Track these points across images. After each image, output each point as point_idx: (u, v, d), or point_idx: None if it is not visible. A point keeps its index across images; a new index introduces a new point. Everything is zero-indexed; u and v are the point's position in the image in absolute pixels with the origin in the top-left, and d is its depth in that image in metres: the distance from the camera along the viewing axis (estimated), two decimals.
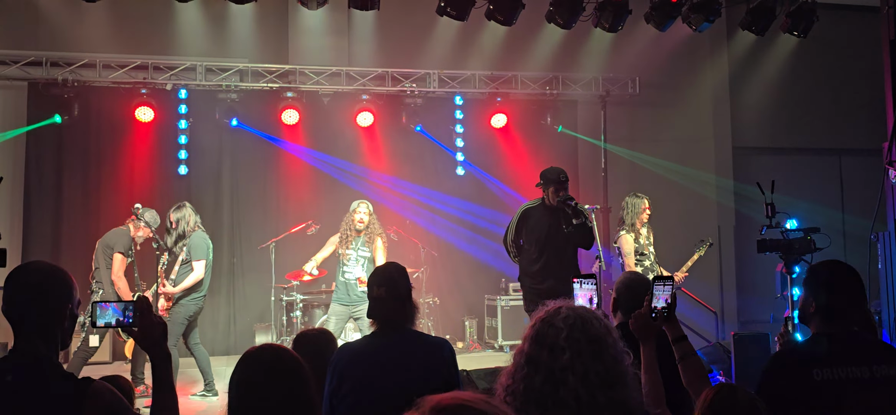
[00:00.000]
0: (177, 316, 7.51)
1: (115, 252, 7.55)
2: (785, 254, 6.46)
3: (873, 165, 8.73)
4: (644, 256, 7.84)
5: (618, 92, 11.51)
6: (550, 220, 6.65)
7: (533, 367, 2.21)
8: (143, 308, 2.59)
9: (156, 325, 2.60)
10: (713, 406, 2.65)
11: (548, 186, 6.67)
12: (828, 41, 10.95)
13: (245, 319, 10.63)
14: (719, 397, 2.67)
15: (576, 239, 6.63)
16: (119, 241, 7.62)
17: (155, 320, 2.60)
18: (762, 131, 12.16)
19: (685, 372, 3.15)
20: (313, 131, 10.90)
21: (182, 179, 10.51)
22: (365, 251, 7.95)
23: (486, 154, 11.49)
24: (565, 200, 6.52)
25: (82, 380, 2.41)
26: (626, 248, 7.79)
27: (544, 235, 6.64)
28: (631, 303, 3.97)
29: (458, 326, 10.96)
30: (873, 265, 7.27)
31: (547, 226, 6.64)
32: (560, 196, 6.55)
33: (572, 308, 2.31)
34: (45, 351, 2.44)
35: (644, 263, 7.81)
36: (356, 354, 3.52)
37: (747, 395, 2.68)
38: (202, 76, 10.43)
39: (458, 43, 10.98)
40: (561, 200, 6.55)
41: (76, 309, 2.58)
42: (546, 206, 6.71)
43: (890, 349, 3.18)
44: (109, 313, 2.60)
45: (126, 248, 7.61)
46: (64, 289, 2.52)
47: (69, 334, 2.57)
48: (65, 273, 2.56)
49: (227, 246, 10.75)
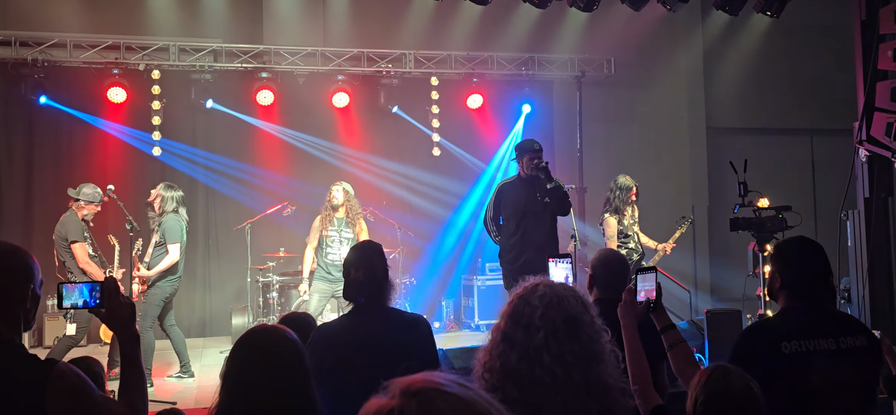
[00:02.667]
0: (152, 299, 7.47)
1: (70, 243, 7.25)
2: (757, 232, 6.55)
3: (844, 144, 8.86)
4: (628, 238, 7.89)
5: (593, 73, 11.55)
6: (527, 191, 6.69)
7: (509, 344, 2.21)
8: (111, 289, 2.57)
9: (123, 305, 2.57)
10: (707, 387, 2.67)
11: (522, 155, 6.71)
12: (800, 22, 11.04)
13: (221, 300, 10.59)
14: (713, 379, 2.69)
15: (553, 206, 6.67)
16: (71, 230, 7.30)
17: (123, 300, 2.58)
18: (735, 111, 12.27)
19: (674, 359, 3.19)
20: (288, 112, 10.84)
21: (156, 161, 10.41)
22: (348, 232, 7.96)
23: (463, 135, 11.49)
24: (538, 166, 6.55)
25: (46, 362, 2.37)
26: (610, 231, 7.84)
27: (521, 206, 6.68)
28: (607, 279, 4.01)
29: (434, 306, 10.99)
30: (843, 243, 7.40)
31: (523, 198, 6.68)
32: (534, 163, 6.59)
33: (549, 286, 2.30)
34: (7, 333, 2.40)
35: (628, 244, 7.87)
36: (335, 333, 3.53)
37: (741, 376, 2.70)
38: (175, 56, 10.32)
39: (434, 24, 10.96)
40: (534, 167, 6.58)
41: (39, 290, 2.52)
42: (522, 178, 6.75)
43: (854, 321, 3.27)
44: (75, 294, 2.57)
45: (80, 233, 7.34)
46: (24, 270, 2.46)
47: (32, 315, 2.51)
48: (25, 253, 2.51)
49: (202, 228, 10.69)
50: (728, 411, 2.61)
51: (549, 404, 2.11)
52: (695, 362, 3.22)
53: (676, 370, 3.18)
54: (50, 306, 9.64)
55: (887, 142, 6.78)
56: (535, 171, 6.59)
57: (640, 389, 2.86)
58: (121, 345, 2.59)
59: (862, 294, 7.24)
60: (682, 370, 3.14)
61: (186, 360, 7.80)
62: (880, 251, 7.25)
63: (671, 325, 3.28)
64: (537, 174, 6.59)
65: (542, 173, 6.55)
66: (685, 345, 3.25)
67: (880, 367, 3.25)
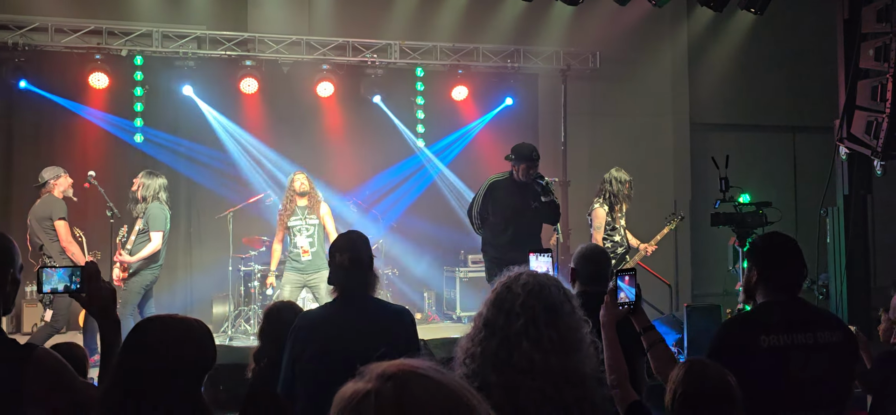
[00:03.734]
0: (133, 286, 7.43)
1: (54, 220, 7.16)
2: (738, 227, 6.60)
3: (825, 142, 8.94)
4: (615, 231, 7.91)
5: (578, 66, 11.57)
6: (518, 195, 6.69)
7: (490, 330, 2.24)
8: (91, 273, 2.54)
9: (104, 290, 2.55)
10: (685, 382, 2.70)
11: (519, 162, 6.69)
12: (783, 20, 11.12)
13: (202, 289, 10.53)
14: (691, 373, 2.72)
15: (543, 215, 6.71)
16: (55, 207, 7.21)
17: (103, 285, 2.56)
18: (718, 108, 12.33)
19: (654, 359, 3.21)
20: (272, 101, 10.79)
21: (137, 148, 10.33)
22: (312, 219, 7.91)
23: (447, 126, 11.49)
24: (535, 179, 6.59)
25: (25, 346, 2.35)
26: (597, 222, 7.83)
27: (512, 209, 6.69)
28: (588, 273, 4.04)
29: (416, 297, 11.00)
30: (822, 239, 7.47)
31: (515, 201, 6.69)
32: (530, 175, 6.61)
33: (533, 275, 2.34)
34: None
35: (614, 237, 7.88)
36: (317, 321, 3.53)
37: (719, 370, 2.73)
38: (159, 43, 10.23)
39: (420, 14, 10.94)
40: (532, 178, 6.61)
41: (18, 274, 2.49)
42: (514, 180, 6.74)
43: (832, 317, 3.31)
44: (55, 278, 2.55)
45: (64, 211, 7.26)
46: (4, 253, 2.44)
47: (11, 300, 2.49)
48: (4, 237, 2.48)
49: (184, 216, 10.63)
50: (706, 404, 2.64)
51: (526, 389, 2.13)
52: (675, 361, 3.25)
53: (656, 370, 3.21)
54: (28, 293, 9.55)
55: (867, 140, 6.84)
56: (531, 182, 6.62)
57: (618, 386, 2.89)
58: (101, 330, 2.57)
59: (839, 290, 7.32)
60: (662, 370, 3.17)
61: None
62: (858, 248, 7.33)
63: (650, 326, 3.31)
64: (533, 185, 6.62)
65: (539, 187, 6.57)
66: (665, 345, 3.29)
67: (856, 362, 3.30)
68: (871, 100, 6.84)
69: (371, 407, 1.17)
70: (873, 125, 6.76)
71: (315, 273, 7.74)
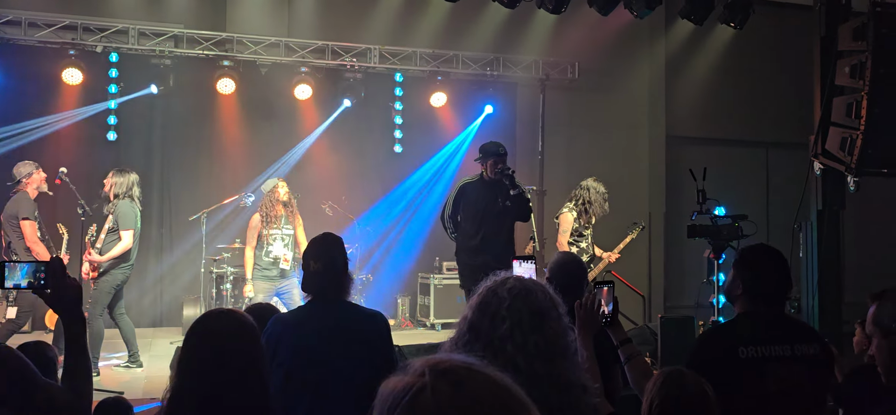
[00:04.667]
0: (103, 286, 7.32)
1: (20, 220, 7.07)
2: (713, 239, 6.64)
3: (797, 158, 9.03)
4: (581, 238, 7.94)
5: (557, 76, 11.61)
6: (488, 194, 6.69)
7: (474, 334, 2.22)
8: (57, 270, 2.48)
9: (70, 287, 2.49)
10: (662, 391, 2.69)
11: (486, 159, 6.72)
12: (760, 37, 11.23)
13: (173, 290, 10.41)
14: (668, 382, 2.71)
15: (513, 212, 6.69)
16: (22, 206, 7.13)
17: (69, 282, 2.50)
18: (694, 122, 12.42)
19: (631, 372, 3.21)
20: (249, 102, 10.70)
21: (110, 146, 10.19)
22: (288, 229, 7.91)
23: (425, 132, 11.47)
24: (502, 172, 6.57)
25: None
26: (565, 226, 7.87)
27: (482, 209, 6.68)
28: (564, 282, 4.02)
29: (390, 303, 10.95)
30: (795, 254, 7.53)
31: (484, 200, 6.69)
32: (498, 168, 6.60)
33: (520, 279, 2.31)
34: None
35: (580, 243, 7.92)
36: (291, 323, 3.49)
37: (696, 379, 2.73)
38: (135, 40, 10.09)
39: (400, 20, 10.92)
40: (498, 172, 6.59)
41: None
42: (484, 180, 6.75)
43: (809, 329, 3.33)
44: (19, 274, 2.47)
45: (31, 211, 7.16)
46: None
47: None
48: None
49: (157, 216, 10.51)
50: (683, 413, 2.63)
51: None
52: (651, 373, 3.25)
53: (633, 383, 3.21)
54: None
55: (841, 156, 6.91)
56: (499, 176, 6.60)
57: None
58: (65, 328, 2.50)
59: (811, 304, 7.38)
60: (639, 382, 3.16)
61: (135, 349, 7.65)
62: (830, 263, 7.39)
63: (628, 338, 3.31)
64: (501, 179, 6.61)
65: (507, 180, 6.56)
66: (643, 358, 3.29)
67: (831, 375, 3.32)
68: (845, 116, 6.91)
69: (429, 403, 1.11)
70: (847, 142, 6.82)
71: (287, 280, 7.73)
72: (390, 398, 1.15)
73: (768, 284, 3.17)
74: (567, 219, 7.90)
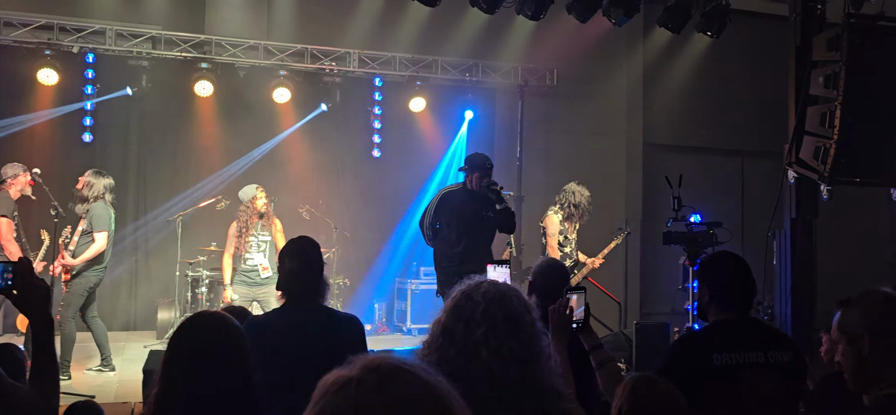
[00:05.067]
0: (76, 288, 7.24)
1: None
2: (689, 246, 6.69)
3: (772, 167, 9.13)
4: (567, 243, 7.96)
5: (536, 83, 11.65)
6: (472, 204, 6.69)
7: (448, 338, 2.21)
8: (24, 270, 2.45)
9: (37, 288, 2.45)
10: (632, 396, 2.70)
11: (472, 171, 6.70)
12: (736, 46, 11.34)
13: (147, 293, 10.31)
14: (638, 388, 2.72)
15: (497, 224, 6.70)
16: (1, 204, 7.11)
17: (37, 283, 2.46)
18: (672, 129, 12.52)
19: (603, 377, 3.22)
20: (227, 105, 10.63)
21: (86, 147, 10.09)
22: (265, 235, 7.89)
23: (404, 137, 11.46)
24: (490, 186, 6.58)
25: None
26: (552, 229, 7.88)
27: (465, 219, 6.67)
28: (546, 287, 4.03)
29: (367, 308, 10.91)
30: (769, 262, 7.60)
31: (468, 211, 6.68)
32: (484, 183, 6.61)
33: (494, 284, 2.31)
34: None
35: (565, 248, 7.94)
36: (264, 325, 3.47)
37: (666, 385, 2.74)
38: (112, 41, 10.00)
39: (379, 24, 10.91)
40: (485, 186, 6.60)
41: None
42: (468, 190, 6.74)
43: (782, 336, 3.35)
44: None
45: (9, 210, 7.11)
46: None
47: None
48: None
49: (132, 218, 10.40)
50: None
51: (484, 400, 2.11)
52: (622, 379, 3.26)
53: (604, 388, 3.22)
54: None
55: (815, 164, 6.98)
56: (486, 191, 6.61)
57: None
58: (33, 329, 2.47)
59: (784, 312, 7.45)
60: (610, 387, 3.17)
61: (108, 353, 7.57)
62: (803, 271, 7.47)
63: (599, 344, 3.31)
64: (487, 193, 6.62)
65: (494, 195, 6.57)
66: (614, 364, 3.30)
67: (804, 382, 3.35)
68: (819, 126, 6.99)
69: (351, 395, 1.15)
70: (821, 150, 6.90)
71: (264, 287, 7.71)
72: (321, 389, 1.18)
73: (733, 289, 3.20)
74: (553, 221, 7.91)
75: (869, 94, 6.74)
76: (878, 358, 2.38)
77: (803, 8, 7.62)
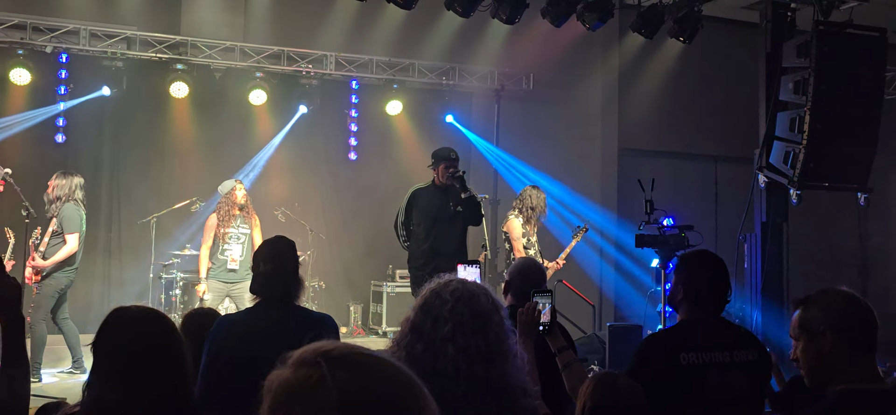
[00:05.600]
0: (46, 290, 7.18)
1: None
2: (661, 249, 6.76)
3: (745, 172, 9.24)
4: (530, 245, 8.03)
5: (512, 87, 11.71)
6: (440, 199, 6.74)
7: (416, 335, 2.23)
8: None
9: (9, 287, 2.43)
10: (595, 394, 2.74)
11: (438, 163, 6.76)
12: (709, 53, 11.46)
13: (120, 295, 10.18)
14: (601, 385, 2.76)
15: (465, 216, 6.73)
16: None
17: (8, 281, 2.45)
18: (646, 134, 12.62)
19: (568, 379, 3.25)
20: (202, 106, 10.57)
21: (59, 148, 9.98)
22: (245, 229, 7.87)
23: (380, 140, 11.46)
24: (454, 175, 6.62)
25: None
26: (516, 233, 7.94)
27: (433, 214, 6.71)
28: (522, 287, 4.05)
29: (343, 311, 10.90)
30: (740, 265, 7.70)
31: (436, 205, 6.73)
32: (450, 172, 6.65)
33: (462, 282, 2.33)
34: None
35: (529, 251, 8.00)
36: (235, 325, 3.46)
37: (627, 382, 2.79)
38: (86, 41, 9.91)
39: (356, 27, 10.91)
40: (450, 175, 6.64)
41: None
42: (436, 186, 6.79)
43: (748, 335, 3.40)
44: None
45: None
46: None
47: None
48: None
49: (105, 220, 10.31)
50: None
51: (450, 396, 2.13)
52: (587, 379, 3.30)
53: (570, 389, 3.25)
54: None
55: (785, 169, 7.10)
56: (450, 180, 6.65)
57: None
58: (3, 329, 2.45)
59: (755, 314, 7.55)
60: (575, 389, 3.21)
61: (79, 355, 7.50)
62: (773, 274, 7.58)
63: (565, 346, 3.34)
64: (453, 183, 6.65)
65: (458, 182, 6.61)
66: (580, 365, 3.33)
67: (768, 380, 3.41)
68: (789, 131, 7.11)
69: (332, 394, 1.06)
70: (791, 155, 7.02)
71: (240, 282, 7.66)
72: (286, 393, 1.09)
73: (709, 289, 3.24)
74: (515, 225, 7.97)
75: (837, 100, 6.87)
76: (839, 355, 2.43)
77: (774, 15, 7.75)
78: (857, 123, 7.00)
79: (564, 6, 8.05)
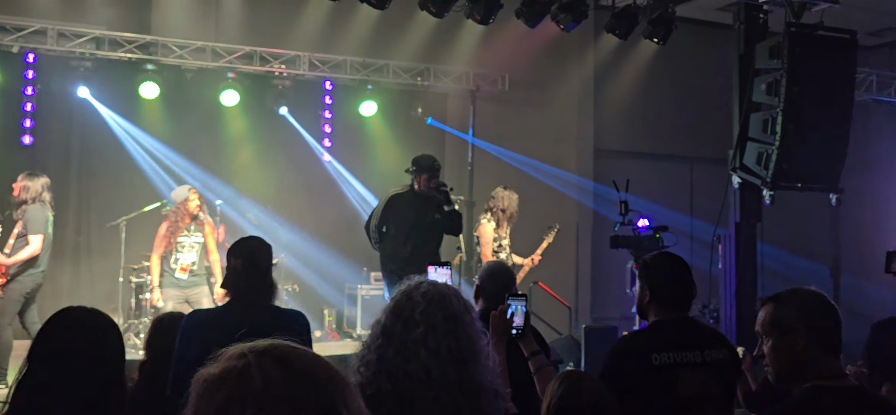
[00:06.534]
0: (11, 294, 7.05)
1: None
2: (635, 250, 6.77)
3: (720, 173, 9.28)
4: (501, 248, 8.00)
5: (488, 88, 11.68)
6: (419, 206, 6.68)
7: (387, 337, 2.21)
8: None
9: None
10: (560, 392, 2.72)
11: (420, 172, 6.70)
12: (683, 54, 11.52)
13: (90, 299, 9.97)
14: (566, 384, 2.75)
15: (445, 225, 6.70)
16: None
17: None
18: (622, 135, 12.66)
19: (539, 383, 3.24)
20: (173, 107, 10.42)
21: (26, 150, 9.78)
22: (198, 237, 7.85)
23: (354, 141, 11.38)
24: (438, 187, 6.58)
25: None
26: (486, 238, 7.93)
27: (412, 221, 6.67)
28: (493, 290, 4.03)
29: (317, 314, 10.77)
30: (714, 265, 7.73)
31: (415, 213, 6.68)
32: (432, 184, 6.61)
33: (433, 284, 2.32)
34: None
35: (500, 255, 7.98)
36: (205, 320, 3.45)
37: (592, 380, 2.79)
38: (54, 41, 9.73)
39: (330, 27, 10.82)
40: (433, 187, 6.60)
41: None
42: (415, 192, 6.73)
43: (718, 334, 3.42)
44: None
45: None
46: None
47: None
48: None
49: (73, 222, 10.13)
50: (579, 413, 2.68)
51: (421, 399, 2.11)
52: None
53: (541, 392, 3.24)
54: None
55: (758, 170, 7.13)
56: (434, 192, 6.61)
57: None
58: None
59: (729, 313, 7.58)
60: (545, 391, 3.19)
61: None
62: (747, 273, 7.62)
63: (537, 350, 3.33)
64: (436, 196, 6.62)
65: (443, 196, 6.58)
66: (551, 368, 3.32)
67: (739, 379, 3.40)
68: (762, 132, 7.14)
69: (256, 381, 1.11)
70: (764, 156, 7.05)
71: (195, 287, 7.65)
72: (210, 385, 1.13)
73: (674, 289, 3.25)
74: (487, 230, 7.96)
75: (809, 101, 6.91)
76: (811, 351, 2.42)
77: (746, 17, 7.80)
78: (829, 123, 7.05)
79: (539, 7, 8.03)
